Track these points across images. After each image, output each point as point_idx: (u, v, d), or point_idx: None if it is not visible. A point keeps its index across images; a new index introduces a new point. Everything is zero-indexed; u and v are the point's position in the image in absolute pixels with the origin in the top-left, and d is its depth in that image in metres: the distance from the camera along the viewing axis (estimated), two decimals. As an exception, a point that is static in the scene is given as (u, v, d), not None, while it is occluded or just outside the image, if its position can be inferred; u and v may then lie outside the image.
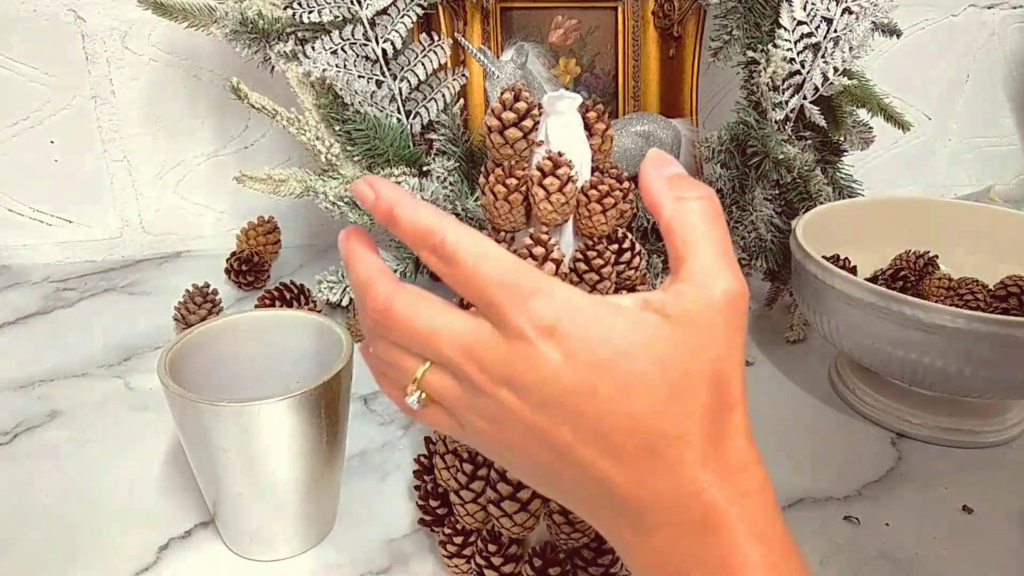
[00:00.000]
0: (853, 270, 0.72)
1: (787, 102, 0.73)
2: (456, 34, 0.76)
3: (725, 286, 0.30)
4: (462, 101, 0.80)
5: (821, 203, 0.75)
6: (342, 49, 0.73)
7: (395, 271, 0.79)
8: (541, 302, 0.28)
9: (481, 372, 0.29)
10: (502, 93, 0.41)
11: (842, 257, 0.72)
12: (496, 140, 0.41)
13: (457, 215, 0.76)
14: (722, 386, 0.29)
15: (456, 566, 0.49)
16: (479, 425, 0.31)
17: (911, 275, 0.72)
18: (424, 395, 0.32)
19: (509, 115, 0.41)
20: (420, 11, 0.74)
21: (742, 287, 0.30)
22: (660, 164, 0.33)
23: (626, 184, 0.43)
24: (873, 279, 0.71)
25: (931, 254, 0.74)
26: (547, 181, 0.40)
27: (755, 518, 0.28)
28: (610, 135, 0.42)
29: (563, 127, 0.42)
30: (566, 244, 0.43)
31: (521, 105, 0.41)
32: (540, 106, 0.41)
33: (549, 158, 0.41)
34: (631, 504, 0.29)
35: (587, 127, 0.41)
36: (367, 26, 0.73)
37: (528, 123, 0.41)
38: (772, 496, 0.30)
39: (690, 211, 0.31)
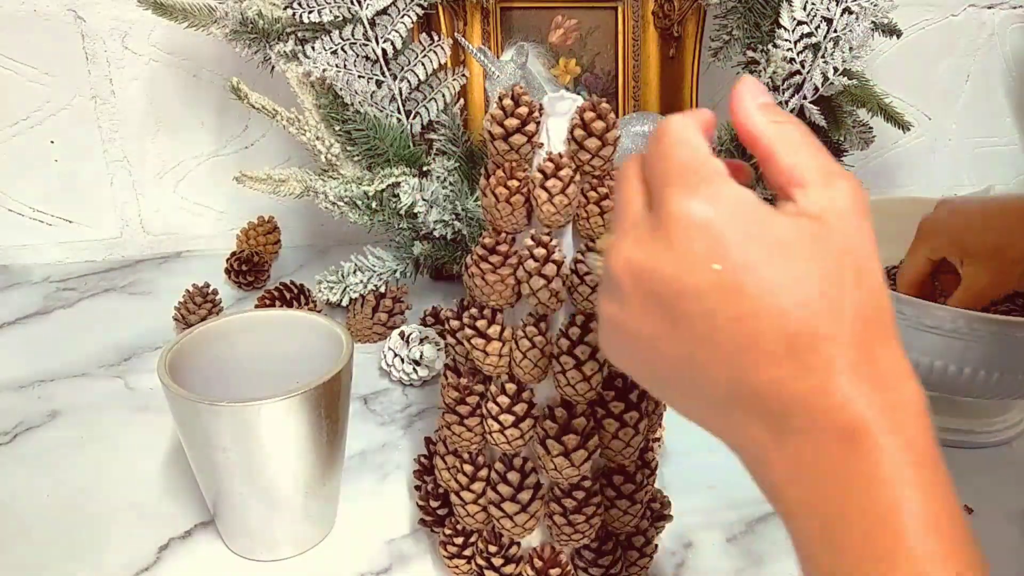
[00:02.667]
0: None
1: (787, 102, 0.73)
2: (456, 34, 0.76)
3: (845, 182, 0.29)
4: (462, 101, 0.80)
5: (821, 203, 0.75)
6: (342, 49, 0.73)
7: (394, 271, 0.79)
8: (706, 191, 0.28)
9: (631, 258, 0.29)
10: (500, 99, 0.41)
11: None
12: (500, 147, 0.41)
13: (457, 215, 0.76)
14: (867, 283, 0.28)
15: (457, 566, 0.49)
16: (613, 314, 0.30)
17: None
18: (599, 263, 0.34)
19: (512, 121, 0.41)
20: (420, 11, 0.74)
21: (858, 181, 0.29)
22: (755, 92, 0.31)
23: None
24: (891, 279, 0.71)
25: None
26: (549, 183, 0.40)
27: (905, 432, 0.27)
28: (611, 137, 0.41)
29: (564, 129, 0.42)
30: (567, 245, 0.43)
31: (523, 110, 0.40)
32: (541, 107, 0.41)
33: (551, 160, 0.41)
34: (770, 406, 0.27)
35: (584, 127, 0.41)
36: (367, 26, 0.73)
37: (532, 127, 0.40)
38: (926, 416, 0.27)
39: (789, 130, 0.30)
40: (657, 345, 0.29)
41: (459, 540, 0.48)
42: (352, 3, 0.71)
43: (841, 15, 0.71)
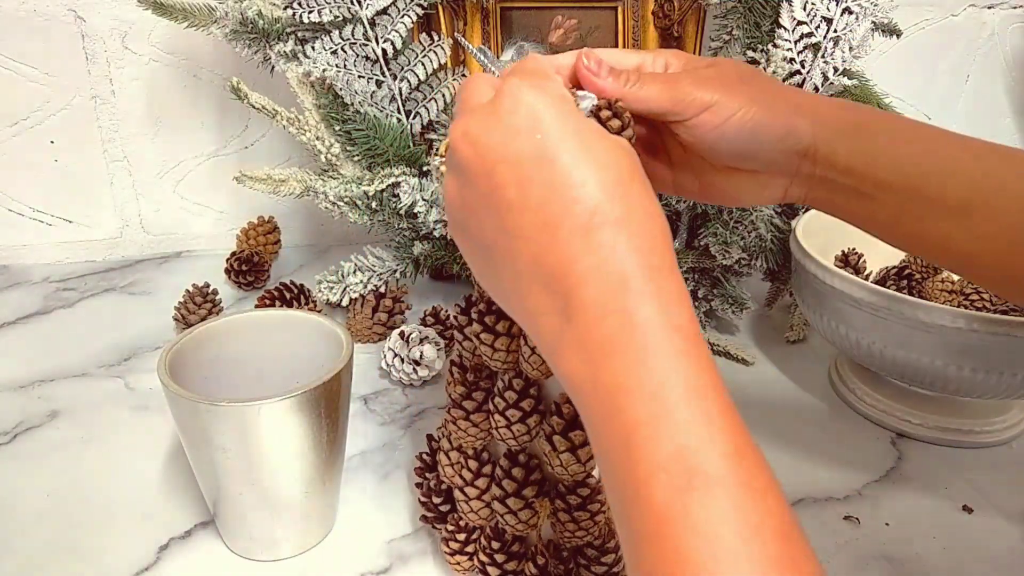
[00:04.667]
0: (862, 267, 0.73)
1: (787, 102, 0.73)
2: (456, 34, 0.76)
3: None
4: (462, 101, 0.80)
5: (821, 203, 0.75)
6: (342, 49, 0.73)
7: (394, 271, 0.79)
8: (536, 81, 0.33)
9: (468, 130, 0.33)
10: None
11: (855, 251, 0.72)
12: None
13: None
14: (648, 192, 0.32)
15: (458, 563, 0.49)
16: (452, 190, 0.34)
17: (916, 273, 0.72)
18: (441, 160, 0.38)
19: None
20: (420, 11, 0.74)
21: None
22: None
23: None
24: (882, 279, 0.71)
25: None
26: None
27: (673, 314, 0.29)
28: (627, 136, 0.41)
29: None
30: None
31: None
32: None
33: None
34: (561, 285, 0.30)
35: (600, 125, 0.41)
36: (367, 26, 0.73)
37: None
38: (690, 304, 0.31)
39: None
40: (479, 214, 0.33)
41: (461, 536, 0.48)
42: (352, 3, 0.71)
43: (841, 15, 0.71)
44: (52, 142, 0.91)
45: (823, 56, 0.72)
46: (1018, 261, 0.39)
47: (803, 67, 0.72)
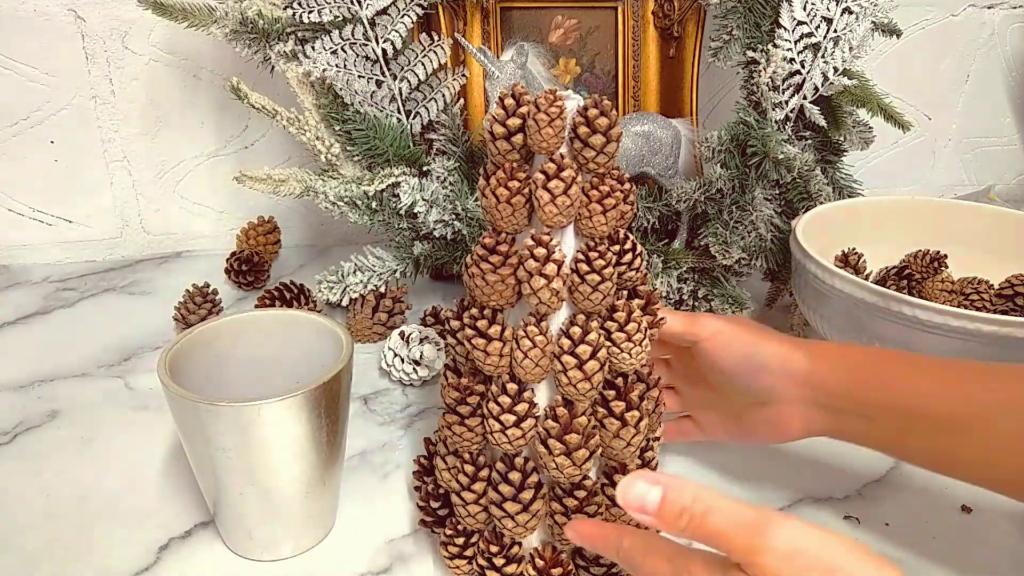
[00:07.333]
0: (862, 267, 0.73)
1: (787, 102, 0.73)
2: (456, 34, 0.76)
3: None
4: (462, 101, 0.80)
5: (821, 203, 0.75)
6: (342, 49, 0.73)
7: (394, 271, 0.80)
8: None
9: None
10: (502, 99, 0.41)
11: (855, 251, 0.72)
12: (502, 147, 0.41)
13: (457, 215, 0.76)
14: None
15: (458, 567, 0.49)
16: None
17: (916, 273, 0.72)
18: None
19: (514, 121, 0.41)
20: (420, 11, 0.74)
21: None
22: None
23: (627, 185, 0.43)
24: (882, 279, 0.71)
25: (941, 253, 0.73)
26: (552, 184, 0.40)
27: None
28: (615, 133, 0.41)
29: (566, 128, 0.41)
30: (567, 245, 0.43)
31: (524, 110, 0.40)
32: None
33: (553, 161, 0.40)
34: None
35: (588, 124, 0.41)
36: (367, 26, 0.73)
37: None
38: None
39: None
40: None
41: (460, 540, 0.48)
42: (352, 3, 0.71)
43: (841, 15, 0.71)
44: (52, 142, 0.91)
45: (823, 56, 0.72)
46: None
47: (803, 67, 0.72)
